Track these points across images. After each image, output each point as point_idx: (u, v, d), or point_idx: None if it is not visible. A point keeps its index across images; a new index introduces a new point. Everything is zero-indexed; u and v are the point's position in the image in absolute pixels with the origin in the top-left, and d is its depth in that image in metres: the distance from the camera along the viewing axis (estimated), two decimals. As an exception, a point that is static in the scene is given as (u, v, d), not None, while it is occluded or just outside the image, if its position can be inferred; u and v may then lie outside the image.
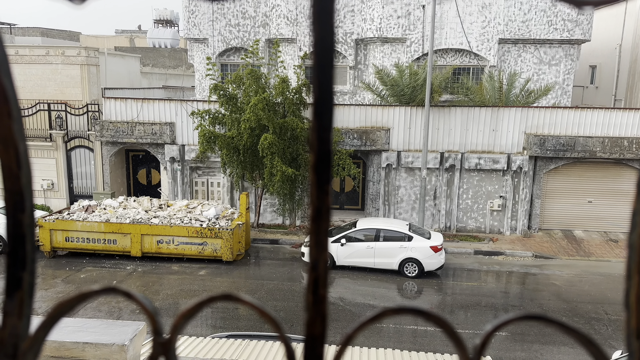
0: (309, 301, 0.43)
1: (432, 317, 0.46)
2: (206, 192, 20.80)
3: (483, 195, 19.48)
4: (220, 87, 18.11)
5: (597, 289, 15.05)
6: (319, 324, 0.42)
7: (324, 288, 0.42)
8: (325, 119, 0.39)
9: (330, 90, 0.39)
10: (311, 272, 0.43)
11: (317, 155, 0.40)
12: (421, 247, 15.43)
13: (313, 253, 0.42)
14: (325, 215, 0.41)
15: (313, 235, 0.42)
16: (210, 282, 15.12)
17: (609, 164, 18.83)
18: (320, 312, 0.42)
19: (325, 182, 0.41)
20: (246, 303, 0.47)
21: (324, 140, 0.40)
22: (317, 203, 0.41)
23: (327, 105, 0.39)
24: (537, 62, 21.34)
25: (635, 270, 0.42)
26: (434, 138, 19.11)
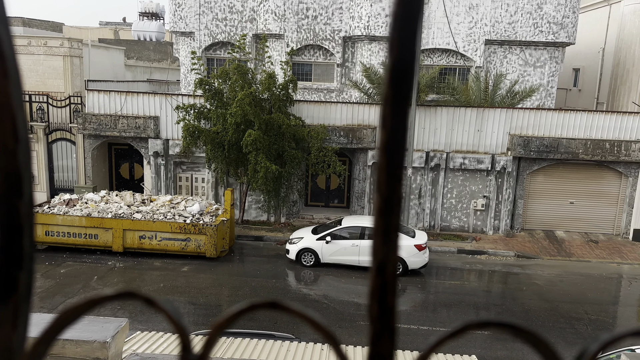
0: (373, 313, 0.35)
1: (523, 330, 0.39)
2: (190, 187, 20.55)
3: (467, 195, 19.60)
4: (205, 82, 17.88)
5: (578, 289, 15.24)
6: (388, 340, 0.34)
7: (392, 296, 0.35)
8: (402, 86, 0.32)
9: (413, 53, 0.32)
10: (376, 278, 0.35)
11: (391, 131, 0.33)
12: (405, 245, 15.45)
13: (379, 254, 0.34)
14: (396, 208, 0.34)
15: (379, 232, 0.34)
16: (193, 279, 14.93)
17: (591, 165, 19.08)
18: (389, 326, 0.34)
19: (398, 167, 0.33)
20: (295, 312, 0.40)
21: (399, 113, 0.32)
22: (386, 192, 0.33)
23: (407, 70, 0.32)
24: (522, 64, 21.52)
25: None
26: (420, 137, 19.16)
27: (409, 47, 0.32)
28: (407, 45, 0.32)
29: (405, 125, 0.33)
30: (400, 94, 0.33)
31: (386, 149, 0.33)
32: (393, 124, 0.33)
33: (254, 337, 7.22)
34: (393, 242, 0.35)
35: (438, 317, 13.28)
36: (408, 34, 0.32)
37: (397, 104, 0.33)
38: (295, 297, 14.15)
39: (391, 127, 0.33)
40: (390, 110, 0.33)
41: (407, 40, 0.32)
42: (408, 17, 0.31)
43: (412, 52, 0.32)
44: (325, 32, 21.85)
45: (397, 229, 0.35)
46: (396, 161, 0.33)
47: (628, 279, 16.55)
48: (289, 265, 16.16)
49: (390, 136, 0.33)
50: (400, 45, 0.32)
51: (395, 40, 0.32)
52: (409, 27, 0.32)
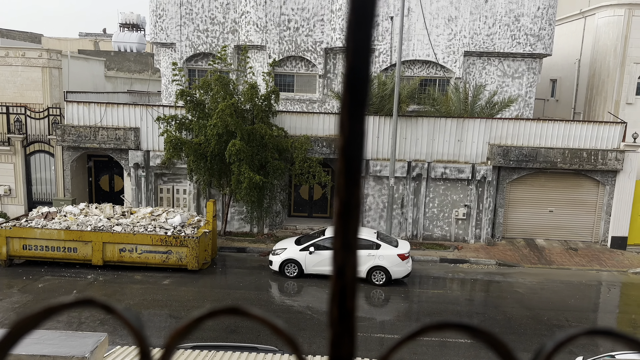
0: (333, 316, 0.35)
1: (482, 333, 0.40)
2: (172, 199, 20.35)
3: (449, 204, 19.76)
4: (187, 93, 17.81)
5: (559, 297, 15.43)
6: (347, 343, 0.34)
7: (352, 300, 0.35)
8: (358, 91, 0.32)
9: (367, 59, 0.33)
10: (336, 281, 0.35)
11: (348, 136, 0.33)
12: (389, 255, 15.49)
13: (339, 257, 0.35)
14: (355, 211, 0.34)
15: (339, 236, 0.34)
16: (174, 292, 14.73)
17: (569, 174, 19.43)
18: (349, 328, 0.34)
19: (356, 171, 0.34)
20: (256, 317, 0.39)
21: (356, 117, 0.33)
22: (345, 195, 0.34)
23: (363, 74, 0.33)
24: (500, 75, 21.91)
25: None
26: (402, 147, 19.31)
27: (363, 56, 0.33)
28: (361, 54, 0.33)
29: (362, 131, 0.34)
30: (357, 101, 0.33)
31: (344, 154, 0.34)
32: (350, 130, 0.33)
33: (235, 350, 7.14)
34: (352, 245, 0.35)
35: (421, 327, 13.30)
36: (362, 44, 0.33)
37: (353, 110, 0.33)
38: (278, 309, 14.05)
39: (349, 133, 0.33)
40: (347, 116, 0.33)
41: (361, 49, 0.33)
42: (361, 28, 0.32)
43: (366, 61, 0.33)
44: (307, 44, 21.98)
45: (356, 233, 0.36)
46: (354, 166, 0.34)
47: (607, 286, 16.81)
48: (272, 277, 16.05)
49: (348, 142, 0.33)
50: (355, 55, 0.33)
51: (350, 50, 0.33)
52: (362, 38, 0.33)
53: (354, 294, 0.35)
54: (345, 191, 0.34)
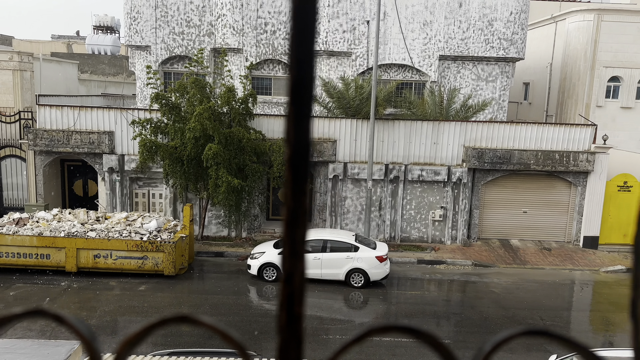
0: (282, 321, 0.36)
1: (423, 334, 0.41)
2: (147, 204, 20.07)
3: (425, 206, 19.97)
4: (162, 96, 17.62)
5: (533, 296, 15.72)
6: (295, 348, 0.35)
7: (300, 305, 0.36)
8: (303, 103, 0.33)
9: (310, 68, 0.34)
10: (285, 287, 0.36)
11: (294, 147, 0.34)
12: (367, 257, 15.56)
13: (287, 264, 0.36)
14: (302, 219, 0.35)
15: (288, 243, 0.35)
16: (151, 298, 14.52)
17: (542, 176, 19.84)
18: (296, 334, 0.35)
19: (302, 180, 0.35)
20: (205, 325, 0.40)
21: (302, 129, 0.34)
22: (292, 204, 0.35)
23: (306, 86, 0.33)
24: (475, 79, 22.26)
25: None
26: (379, 150, 19.45)
27: (306, 68, 0.33)
28: (304, 66, 0.33)
29: (307, 140, 0.35)
30: (301, 111, 0.34)
31: (291, 164, 0.35)
32: (296, 141, 0.34)
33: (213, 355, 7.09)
34: (300, 252, 0.36)
35: (400, 328, 13.39)
36: (304, 56, 0.33)
37: (298, 120, 0.34)
38: (257, 313, 13.97)
39: (294, 143, 0.34)
40: (292, 126, 0.34)
41: (303, 61, 0.33)
42: (303, 41, 0.33)
43: (310, 72, 0.33)
44: (284, 47, 21.97)
45: (304, 240, 0.37)
46: (301, 175, 0.35)
47: (580, 285, 17.20)
48: (250, 281, 15.96)
49: (294, 151, 0.34)
50: (298, 66, 0.33)
51: (293, 62, 0.33)
52: (305, 50, 0.33)
53: (302, 299, 0.36)
54: (292, 200, 0.35)
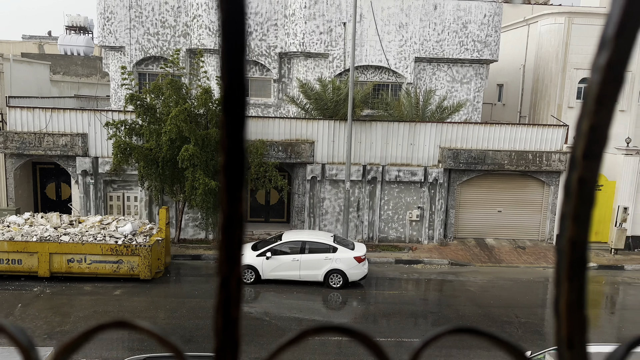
0: (218, 325, 0.37)
1: (357, 334, 0.42)
2: (122, 207, 19.76)
3: (403, 206, 20.15)
4: (137, 97, 17.38)
5: (508, 294, 16.00)
6: (231, 352, 0.36)
7: (236, 309, 0.37)
8: (237, 112, 0.34)
9: (242, 80, 0.35)
10: (221, 291, 0.37)
11: (228, 155, 0.35)
12: (345, 258, 15.62)
13: (223, 269, 0.36)
14: (238, 225, 0.36)
15: (223, 248, 0.36)
16: (126, 302, 14.30)
17: (515, 175, 20.21)
18: (232, 337, 0.36)
19: (238, 187, 0.36)
20: (143, 330, 0.41)
21: (236, 137, 0.35)
22: (228, 210, 0.35)
23: (239, 96, 0.34)
24: (450, 80, 22.57)
25: (564, 277, 0.40)
26: (357, 151, 19.55)
27: (238, 77, 0.34)
28: (236, 75, 0.34)
29: (242, 148, 0.36)
30: (235, 120, 0.35)
31: (225, 171, 0.36)
32: (230, 148, 0.35)
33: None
34: (236, 257, 0.37)
35: (378, 328, 13.48)
36: (236, 65, 0.34)
37: (232, 129, 0.35)
38: (235, 316, 13.87)
39: (228, 151, 0.35)
40: (226, 135, 0.35)
41: (235, 71, 0.34)
42: (234, 51, 0.34)
43: (242, 81, 0.34)
44: (260, 48, 21.93)
45: (240, 245, 0.37)
46: (236, 182, 0.36)
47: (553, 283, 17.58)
48: (228, 284, 15.85)
49: (228, 159, 0.35)
50: (230, 76, 0.34)
51: (225, 71, 0.34)
52: (236, 60, 0.34)
53: (239, 303, 0.37)
54: (227, 206, 0.36)
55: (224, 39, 0.33)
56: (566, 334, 0.39)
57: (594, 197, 0.39)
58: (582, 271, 0.40)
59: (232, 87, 0.34)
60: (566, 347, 0.39)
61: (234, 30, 0.33)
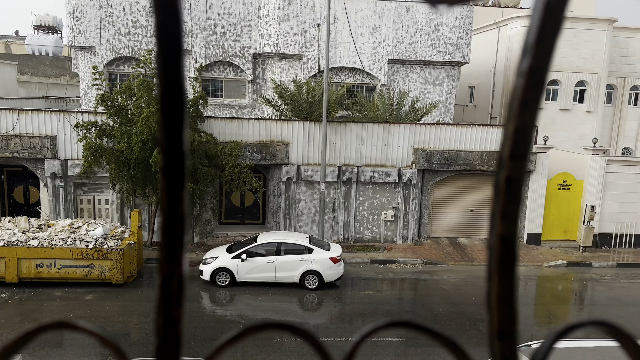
0: (159, 324, 0.38)
1: (299, 330, 0.44)
2: (93, 210, 19.36)
3: (378, 207, 20.30)
4: (108, 98, 17.07)
5: (481, 292, 16.27)
6: (172, 350, 0.37)
7: (178, 308, 0.38)
8: (175, 114, 0.35)
9: (180, 81, 0.36)
10: (162, 291, 0.38)
11: (167, 156, 0.36)
12: (321, 259, 15.64)
13: (164, 269, 0.37)
14: (179, 225, 0.37)
15: (164, 248, 0.37)
16: (98, 307, 14.02)
17: (487, 175, 20.58)
18: (174, 336, 0.37)
19: (178, 188, 0.36)
20: (84, 330, 0.41)
21: (175, 139, 0.36)
22: (168, 211, 0.36)
23: (177, 98, 0.35)
24: (422, 82, 22.86)
25: (495, 272, 0.43)
26: (332, 152, 19.61)
27: (175, 80, 0.35)
28: (173, 78, 0.35)
29: (181, 150, 0.36)
30: (173, 122, 0.36)
31: (165, 173, 0.36)
32: (169, 150, 0.36)
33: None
34: (177, 257, 0.38)
35: (354, 328, 13.54)
36: (173, 68, 0.35)
37: (170, 131, 0.36)
38: (210, 319, 13.76)
39: (167, 153, 0.36)
40: (165, 137, 0.36)
41: (172, 73, 0.35)
42: (171, 54, 0.35)
43: (179, 84, 0.35)
44: (234, 49, 21.81)
45: (181, 246, 0.38)
46: (176, 183, 0.36)
47: (524, 280, 17.95)
48: (203, 287, 15.70)
49: (168, 161, 0.36)
50: (167, 79, 0.35)
51: (162, 75, 0.35)
52: (173, 63, 0.35)
53: (180, 303, 0.38)
54: (167, 207, 0.37)
55: (159, 42, 0.34)
56: (497, 326, 0.41)
57: (521, 195, 0.41)
58: (511, 266, 0.42)
59: (169, 90, 0.35)
60: (497, 339, 0.41)
61: (169, 34, 0.34)
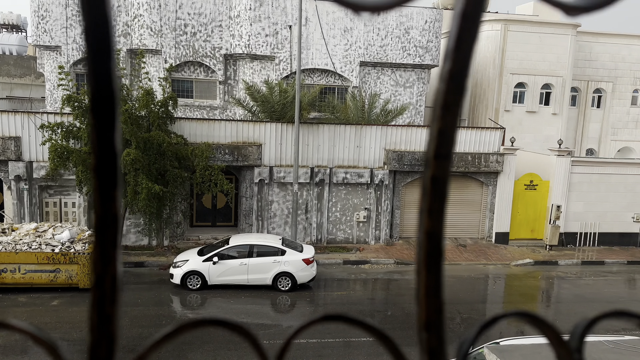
0: (92, 322, 0.38)
1: (234, 326, 0.45)
2: (59, 213, 18.87)
3: (350, 208, 20.41)
4: (75, 98, 16.68)
5: (451, 291, 16.54)
6: (105, 347, 0.37)
7: (112, 306, 0.38)
8: (106, 114, 0.36)
9: (110, 81, 0.36)
10: (95, 290, 0.38)
11: (99, 156, 0.36)
12: (294, 260, 15.62)
13: (98, 267, 0.38)
14: (112, 224, 0.38)
15: (97, 247, 0.37)
16: (64, 313, 13.66)
17: (456, 176, 20.94)
18: (107, 333, 0.37)
19: (111, 187, 0.37)
20: (16, 329, 0.41)
21: (106, 139, 0.36)
22: (101, 210, 0.37)
23: (107, 98, 0.36)
24: (393, 84, 23.12)
25: (423, 266, 0.45)
26: (304, 154, 19.62)
27: (106, 79, 0.36)
28: (103, 77, 0.36)
29: (113, 149, 0.37)
30: (104, 122, 0.36)
31: (97, 172, 0.37)
32: (100, 149, 0.37)
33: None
34: (110, 256, 0.38)
35: (327, 329, 13.57)
36: (102, 69, 0.36)
37: (101, 131, 0.36)
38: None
39: (99, 153, 0.37)
40: (96, 136, 0.36)
41: (102, 74, 0.36)
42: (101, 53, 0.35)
43: (110, 84, 0.36)
44: (205, 49, 21.60)
45: (114, 245, 0.39)
46: (108, 183, 0.37)
47: (493, 279, 18.33)
48: (173, 291, 15.48)
49: (99, 161, 0.37)
50: (97, 79, 0.36)
51: (92, 74, 0.36)
52: (104, 62, 0.35)
53: (114, 300, 0.38)
54: (100, 206, 0.37)
55: (88, 43, 0.35)
56: (424, 318, 0.43)
57: (446, 193, 0.44)
58: (438, 261, 0.44)
59: (99, 90, 0.35)
60: (424, 330, 0.43)
61: (98, 35, 0.34)
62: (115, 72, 0.36)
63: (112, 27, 0.36)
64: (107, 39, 0.35)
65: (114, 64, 0.36)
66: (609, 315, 0.47)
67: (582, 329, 0.45)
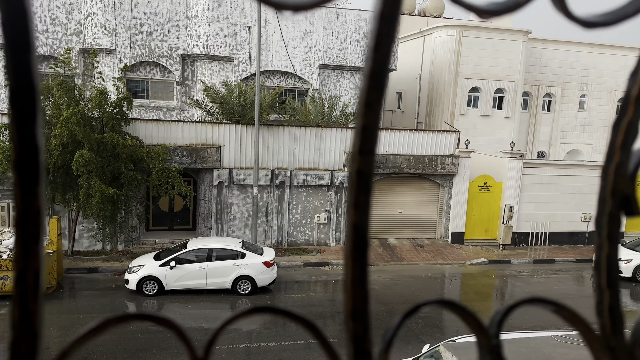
0: (14, 318, 0.38)
1: (161, 320, 0.45)
2: (7, 218, 18.04)
3: (311, 210, 20.46)
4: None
5: (409, 290, 16.84)
6: (27, 342, 0.37)
7: (34, 302, 0.38)
8: (26, 108, 0.35)
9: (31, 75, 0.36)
10: (18, 285, 0.38)
11: (19, 151, 0.36)
12: (254, 263, 15.51)
13: (20, 264, 0.37)
14: (34, 220, 0.37)
15: (19, 243, 0.37)
16: (12, 323, 13.05)
17: (414, 178, 21.36)
18: (30, 329, 0.37)
19: (33, 182, 0.37)
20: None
21: (27, 133, 0.36)
22: (22, 206, 0.36)
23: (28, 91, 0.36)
24: (353, 87, 23.35)
25: (349, 257, 0.46)
26: (265, 156, 19.53)
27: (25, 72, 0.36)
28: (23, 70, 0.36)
29: (35, 143, 0.37)
30: (24, 115, 0.36)
31: (17, 167, 0.37)
32: (21, 144, 0.36)
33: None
34: (32, 252, 0.38)
35: (287, 332, 13.53)
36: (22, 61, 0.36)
37: (22, 124, 0.36)
38: (136, 330, 13.22)
39: (19, 147, 0.36)
40: (16, 130, 0.36)
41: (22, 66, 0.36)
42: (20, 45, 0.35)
43: (30, 79, 0.36)
44: (161, 49, 21.18)
45: (37, 240, 0.39)
46: (30, 178, 0.37)
47: (450, 278, 18.78)
48: (129, 297, 15.07)
49: (20, 155, 0.36)
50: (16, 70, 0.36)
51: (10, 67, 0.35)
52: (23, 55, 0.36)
53: (37, 296, 0.38)
54: (21, 202, 0.37)
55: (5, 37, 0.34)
56: (351, 307, 0.45)
57: (371, 187, 0.45)
58: (364, 251, 0.46)
59: (19, 83, 0.35)
60: (351, 318, 0.45)
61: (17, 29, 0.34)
62: (35, 65, 0.36)
63: (32, 17, 0.36)
64: (26, 30, 0.34)
65: (34, 56, 0.35)
66: (524, 302, 0.51)
67: (500, 316, 0.48)
